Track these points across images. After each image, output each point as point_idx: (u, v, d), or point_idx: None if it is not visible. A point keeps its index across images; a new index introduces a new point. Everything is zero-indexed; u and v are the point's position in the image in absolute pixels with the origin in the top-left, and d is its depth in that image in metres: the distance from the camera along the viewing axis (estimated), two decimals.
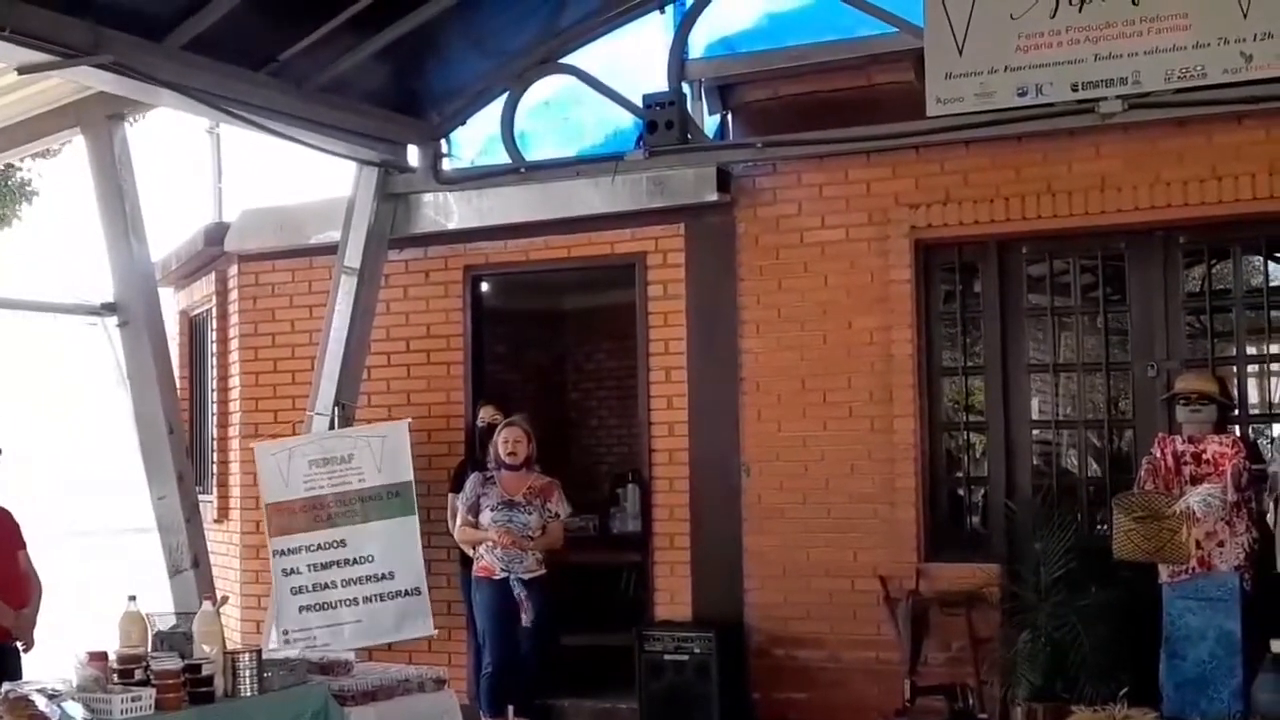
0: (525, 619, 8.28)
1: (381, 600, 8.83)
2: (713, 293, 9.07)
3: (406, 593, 8.82)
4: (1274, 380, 8.23)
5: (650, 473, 9.25)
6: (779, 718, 8.64)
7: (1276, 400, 8.10)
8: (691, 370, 9.11)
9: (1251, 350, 8.32)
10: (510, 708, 8.51)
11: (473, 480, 8.55)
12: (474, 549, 8.52)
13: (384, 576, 8.82)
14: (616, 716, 9.02)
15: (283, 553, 8.88)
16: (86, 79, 7.73)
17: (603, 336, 12.11)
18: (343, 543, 8.87)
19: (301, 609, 8.83)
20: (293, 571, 8.85)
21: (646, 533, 9.27)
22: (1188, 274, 8.40)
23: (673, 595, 9.04)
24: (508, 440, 8.47)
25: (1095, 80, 7.57)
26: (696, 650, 8.50)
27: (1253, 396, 8.32)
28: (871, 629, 8.43)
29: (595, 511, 10.78)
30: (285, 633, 8.76)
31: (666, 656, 8.55)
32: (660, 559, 9.13)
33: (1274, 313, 8.26)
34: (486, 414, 9.48)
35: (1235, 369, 8.20)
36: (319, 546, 8.88)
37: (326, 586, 8.84)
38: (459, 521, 8.55)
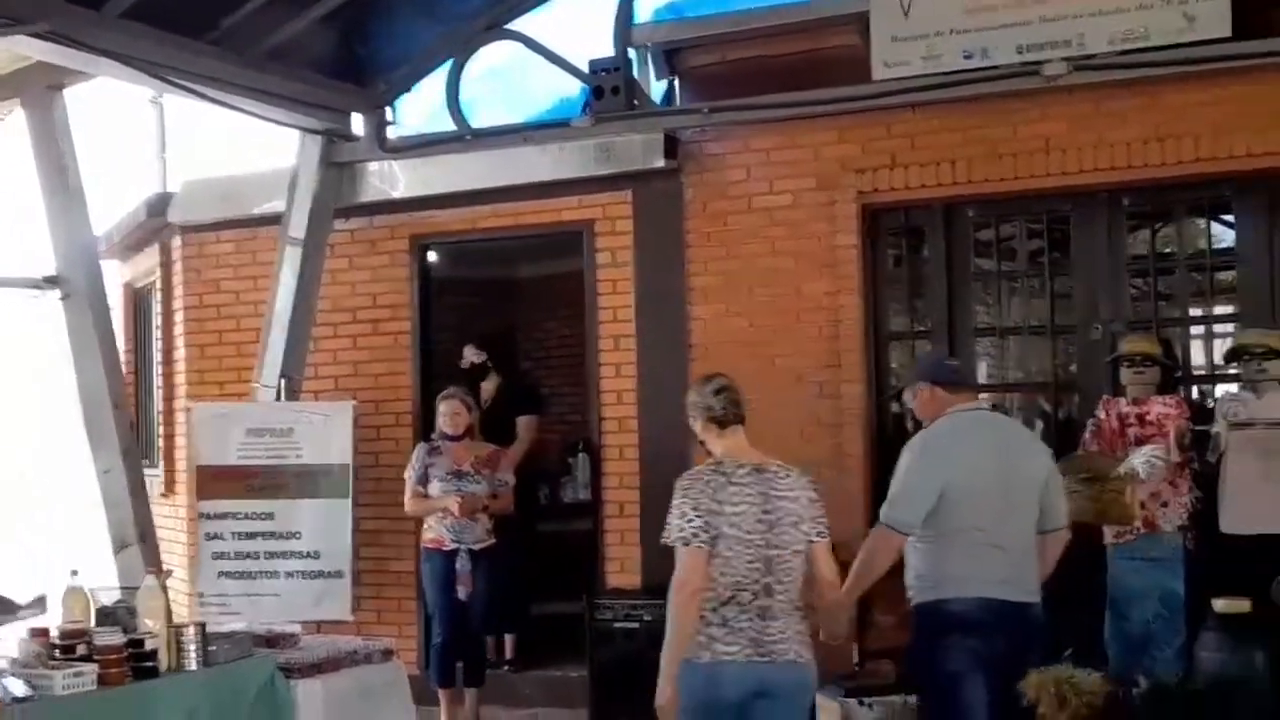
0: (463, 593, 8.29)
1: (303, 578, 8.78)
2: (661, 259, 9.04)
3: (329, 574, 8.78)
4: (1217, 342, 8.28)
5: (600, 441, 9.23)
6: None
7: (1219, 361, 8.15)
8: (640, 338, 9.09)
9: (1195, 312, 8.37)
10: (460, 677, 8.54)
11: (419, 451, 8.56)
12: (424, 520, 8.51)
13: (308, 555, 8.80)
14: (567, 685, 9.03)
15: (208, 516, 8.86)
16: (24, 48, 7.62)
17: (552, 305, 12.07)
18: (271, 515, 8.83)
19: (220, 574, 8.81)
20: (216, 536, 8.83)
21: (597, 501, 9.26)
22: (1133, 236, 8.43)
23: (623, 563, 9.03)
24: (446, 413, 8.49)
25: (1040, 43, 7.62)
26: (646, 618, 8.47)
27: (1196, 358, 8.38)
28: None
29: (547, 481, 10.78)
30: (200, 595, 8.75)
31: (616, 624, 8.54)
32: (610, 527, 9.12)
33: (1217, 275, 8.32)
34: (470, 353, 9.53)
35: (1179, 331, 8.26)
36: (246, 516, 8.84)
37: (249, 556, 8.81)
38: (408, 493, 8.53)
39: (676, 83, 9.31)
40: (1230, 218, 8.18)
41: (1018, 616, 5.50)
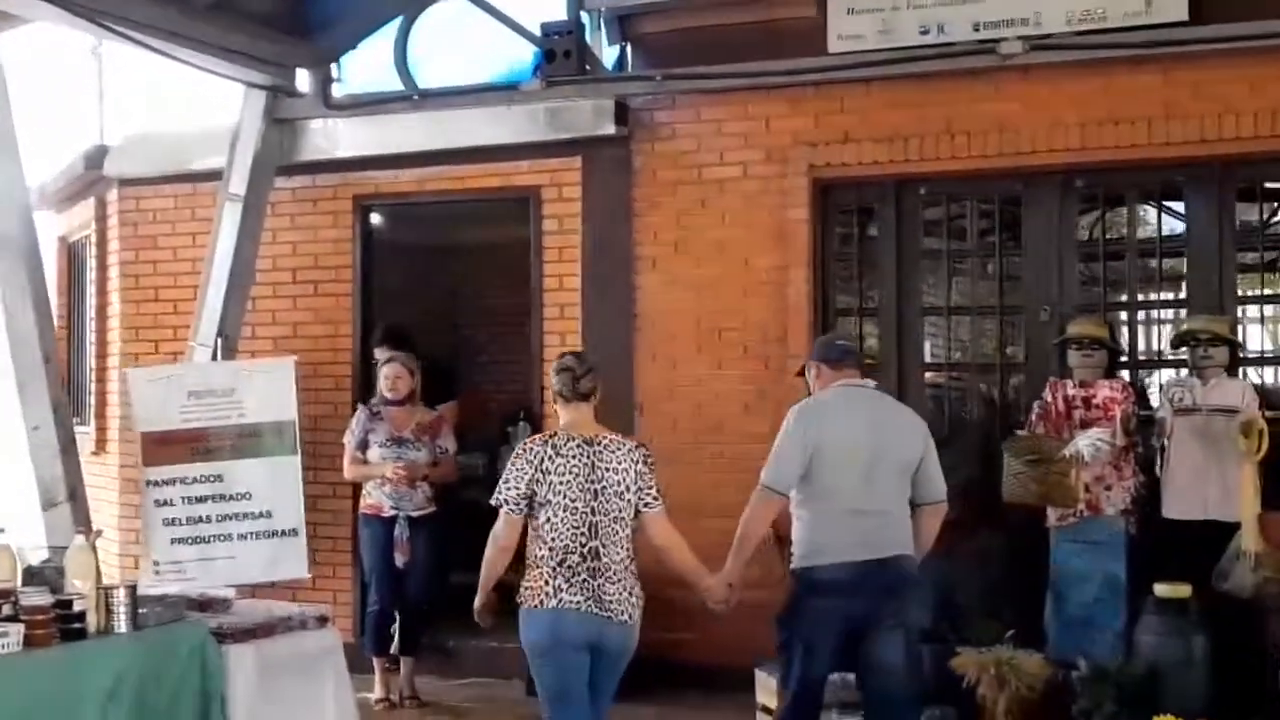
0: (400, 560, 8.20)
1: (257, 539, 8.55)
2: (608, 228, 8.94)
3: (283, 533, 8.58)
4: (1164, 327, 8.30)
5: (541, 410, 9.12)
6: (666, 658, 8.58)
7: (1165, 347, 8.16)
8: (586, 307, 8.99)
9: (1143, 296, 8.37)
10: (394, 646, 8.44)
11: (359, 416, 8.45)
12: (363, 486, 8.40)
13: (261, 515, 8.58)
14: (504, 656, 8.90)
15: (156, 483, 8.61)
16: None
17: (496, 272, 11.93)
18: (219, 478, 8.59)
19: (173, 541, 8.56)
20: (166, 503, 8.58)
21: None
22: (1083, 219, 8.42)
23: None
24: (388, 376, 8.39)
25: (996, 20, 7.64)
26: None
27: (1143, 343, 8.39)
28: (762, 570, 8.38)
29: (485, 450, 10.67)
30: (155, 564, 8.54)
31: None
32: None
33: (1166, 260, 8.33)
34: (381, 355, 9.33)
35: (1126, 315, 8.25)
36: (194, 479, 8.59)
37: (200, 520, 8.56)
38: (347, 459, 8.41)
39: (629, 49, 9.19)
40: (1181, 203, 8.18)
41: (879, 572, 5.72)
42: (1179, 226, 8.24)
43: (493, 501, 5.52)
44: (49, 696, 5.08)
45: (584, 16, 8.68)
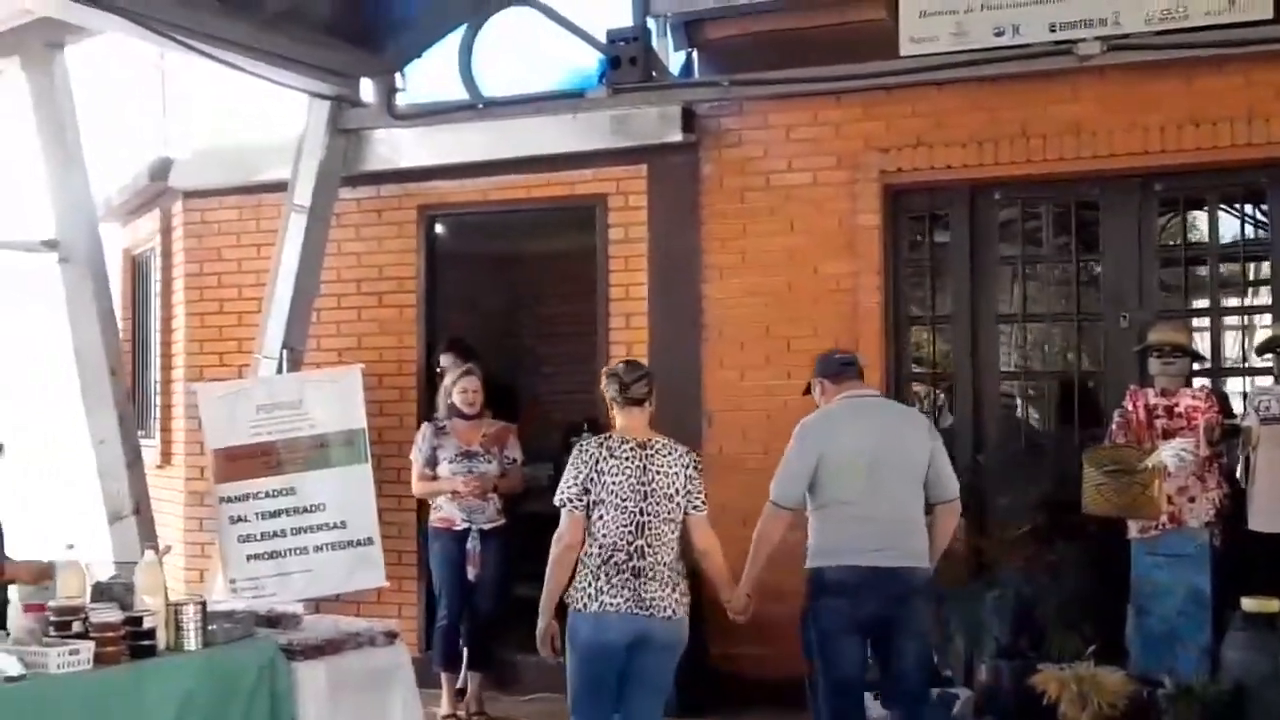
0: (472, 573, 8.13)
1: (333, 550, 8.44)
2: (675, 236, 8.83)
3: (359, 543, 8.45)
4: (1247, 334, 8.10)
5: (606, 420, 9.00)
6: (736, 672, 8.45)
7: (1249, 354, 7.96)
8: (652, 316, 8.88)
9: (1226, 302, 8.17)
10: (464, 661, 8.37)
11: (425, 432, 8.36)
12: (432, 500, 8.33)
13: (335, 526, 8.46)
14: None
15: (229, 500, 8.50)
16: (27, 2, 7.40)
17: (560, 281, 11.84)
18: (292, 490, 8.47)
19: (249, 558, 8.44)
20: (240, 519, 8.47)
21: None
22: (1163, 223, 8.24)
23: None
24: (466, 390, 8.29)
25: (1073, 21, 7.47)
26: None
27: (1226, 350, 8.18)
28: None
29: (550, 460, 10.57)
30: (232, 581, 8.43)
31: None
32: None
33: (1249, 264, 8.13)
34: (447, 362, 9.28)
35: (1208, 321, 8.07)
36: (267, 494, 8.47)
37: (275, 535, 8.44)
38: (415, 475, 8.34)
39: (695, 55, 9.11)
40: (1264, 207, 7.99)
41: (888, 580, 5.87)
42: (1264, 228, 8.05)
43: (555, 502, 5.71)
44: (119, 714, 5.03)
45: (650, 22, 8.61)
